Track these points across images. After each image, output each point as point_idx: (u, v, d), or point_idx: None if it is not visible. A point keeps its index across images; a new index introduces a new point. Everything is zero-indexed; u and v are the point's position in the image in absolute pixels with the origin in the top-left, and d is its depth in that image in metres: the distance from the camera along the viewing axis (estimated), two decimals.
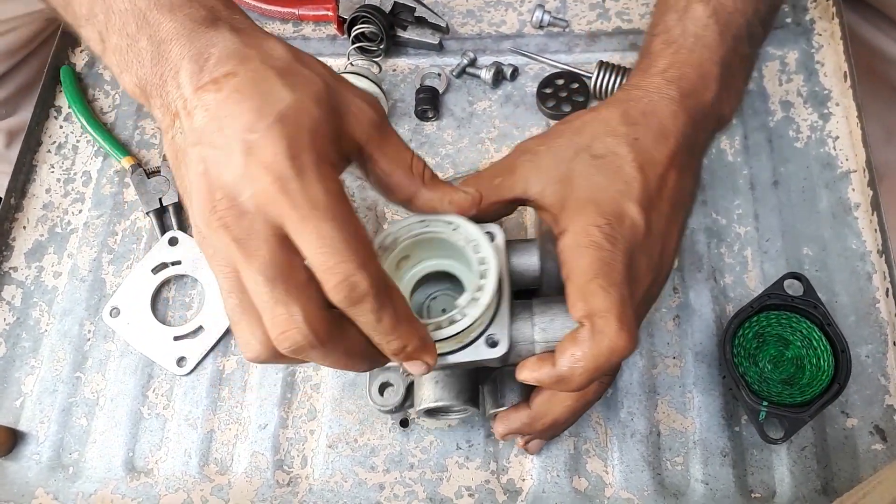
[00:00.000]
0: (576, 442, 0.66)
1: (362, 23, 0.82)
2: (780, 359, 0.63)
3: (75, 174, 0.81)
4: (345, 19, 0.82)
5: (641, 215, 0.51)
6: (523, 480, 0.65)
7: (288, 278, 0.43)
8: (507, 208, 0.56)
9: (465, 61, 0.82)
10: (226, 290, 0.46)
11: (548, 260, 0.55)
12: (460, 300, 0.50)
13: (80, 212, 0.79)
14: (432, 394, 0.57)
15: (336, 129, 0.47)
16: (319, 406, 0.68)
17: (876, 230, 0.72)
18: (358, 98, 0.49)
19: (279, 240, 0.43)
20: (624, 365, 0.68)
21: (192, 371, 0.70)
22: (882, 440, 0.64)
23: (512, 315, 0.53)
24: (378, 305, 0.44)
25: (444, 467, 0.65)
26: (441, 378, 0.57)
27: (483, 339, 0.51)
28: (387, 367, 0.60)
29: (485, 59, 0.83)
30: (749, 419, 0.64)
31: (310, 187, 0.43)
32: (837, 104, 0.79)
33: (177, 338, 0.71)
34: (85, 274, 0.75)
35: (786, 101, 0.79)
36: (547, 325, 0.53)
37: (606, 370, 0.50)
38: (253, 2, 0.86)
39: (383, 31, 0.81)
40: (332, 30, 0.86)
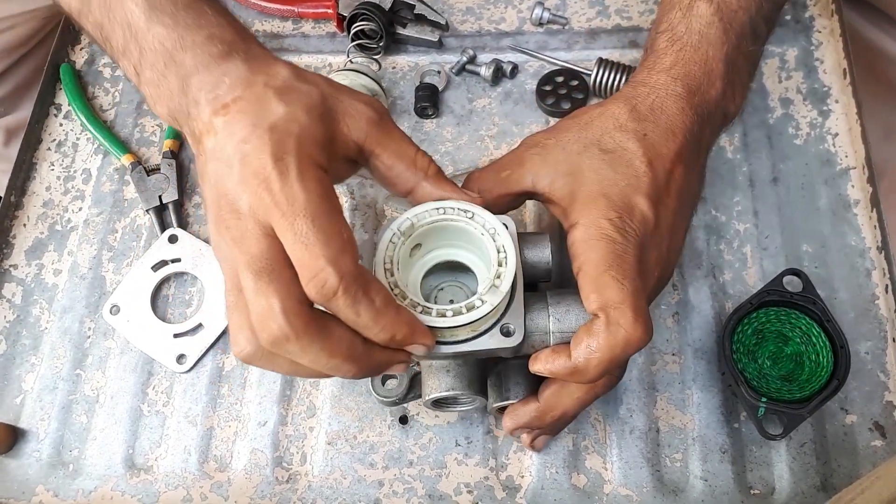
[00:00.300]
0: (575, 438, 0.66)
1: (362, 20, 0.82)
2: (779, 355, 0.63)
3: (75, 172, 0.81)
4: (344, 16, 0.82)
5: (651, 209, 0.52)
6: (522, 477, 0.65)
7: (272, 272, 0.45)
8: (515, 201, 0.57)
9: (465, 58, 0.82)
10: (227, 289, 0.48)
11: (558, 258, 0.56)
12: (480, 287, 0.50)
13: (80, 209, 0.79)
14: (443, 383, 0.56)
15: (328, 133, 0.50)
16: (319, 403, 0.68)
17: (875, 227, 0.72)
18: (356, 101, 0.52)
19: (268, 238, 0.46)
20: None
21: (191, 368, 0.70)
22: (881, 436, 0.64)
23: (526, 305, 0.53)
24: (352, 300, 0.45)
25: (443, 464, 0.65)
26: (452, 367, 0.56)
27: (498, 328, 0.52)
28: None
29: (484, 57, 0.83)
30: (748, 415, 0.64)
31: (290, 186, 0.45)
32: (837, 101, 0.79)
33: (176, 335, 0.71)
34: (85, 271, 0.75)
35: (785, 98, 0.79)
36: (562, 315, 0.53)
37: (621, 361, 0.51)
38: (253, 0, 0.86)
39: (383, 28, 0.81)
40: (332, 27, 0.86)
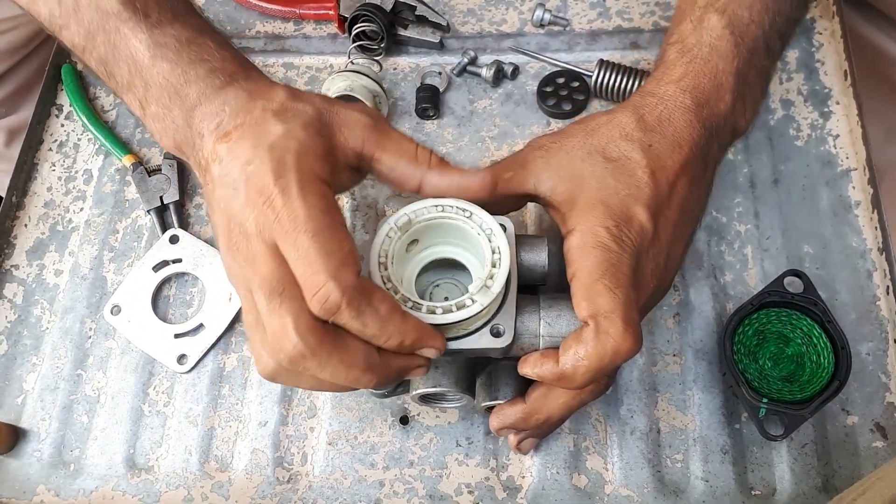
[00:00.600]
0: (575, 439, 0.66)
1: (363, 21, 0.82)
2: (780, 356, 0.63)
3: (76, 172, 0.81)
4: (346, 18, 0.83)
5: (650, 220, 0.52)
6: (523, 477, 0.65)
7: (283, 292, 0.46)
8: (517, 202, 0.57)
9: (466, 60, 0.82)
10: (244, 311, 0.50)
11: (553, 257, 0.55)
12: (471, 286, 0.50)
13: (82, 210, 0.79)
14: (431, 379, 0.56)
15: (327, 145, 0.51)
16: (319, 403, 0.68)
17: (876, 228, 0.72)
18: (351, 110, 0.53)
19: (275, 256, 0.47)
20: (624, 362, 0.68)
21: (192, 368, 0.70)
22: (882, 437, 0.64)
23: (518, 307, 0.53)
24: (356, 312, 0.46)
25: (443, 464, 0.65)
26: (441, 364, 0.57)
27: (488, 328, 0.52)
28: None
29: (485, 58, 0.83)
30: (749, 416, 0.64)
31: (292, 203, 0.46)
32: (838, 102, 0.79)
33: (177, 335, 0.71)
34: (86, 272, 0.75)
35: (786, 99, 0.79)
36: (553, 320, 0.53)
37: (608, 370, 0.51)
38: (254, 1, 0.86)
39: (384, 29, 0.81)
40: (333, 28, 0.86)
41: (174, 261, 0.74)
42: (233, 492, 0.66)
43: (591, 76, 0.79)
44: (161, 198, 0.77)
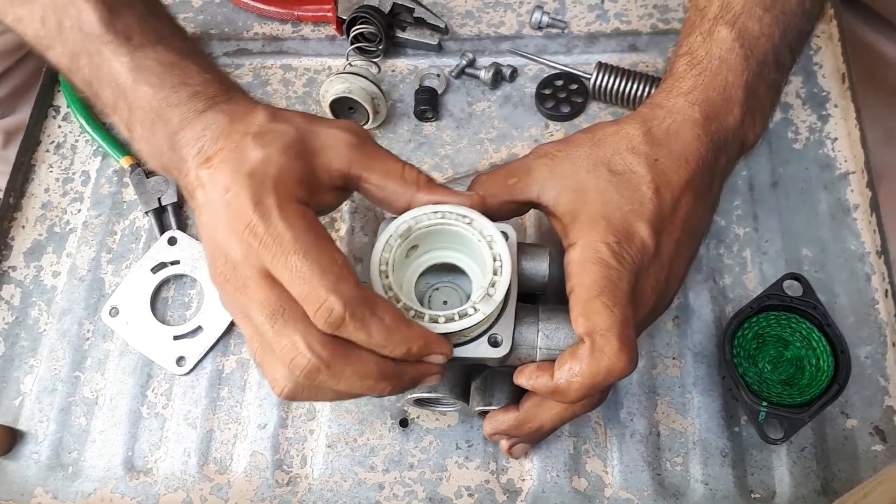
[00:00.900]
0: (575, 442, 0.66)
1: (361, 23, 0.82)
2: (779, 359, 0.63)
3: (74, 174, 0.81)
4: (344, 20, 0.82)
5: (652, 237, 0.51)
6: (523, 480, 0.65)
7: (284, 312, 0.46)
8: (519, 209, 0.57)
9: (464, 62, 0.82)
10: (248, 338, 0.50)
11: (554, 269, 0.55)
12: (473, 294, 0.50)
13: (79, 211, 0.79)
14: None
15: (307, 168, 0.51)
16: (319, 406, 0.68)
17: (875, 231, 0.72)
18: (334, 129, 0.53)
19: (268, 280, 0.47)
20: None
21: (191, 370, 0.70)
22: (882, 441, 0.64)
23: (517, 318, 0.53)
24: (360, 323, 0.46)
25: (443, 467, 0.65)
26: None
27: (486, 337, 0.52)
28: None
29: (484, 60, 0.83)
30: (749, 420, 0.64)
31: (275, 227, 0.46)
32: (836, 106, 0.79)
33: (176, 337, 0.71)
34: (84, 273, 0.75)
35: (784, 102, 0.79)
36: (552, 332, 0.53)
37: (602, 387, 0.51)
38: (252, 2, 0.86)
39: (382, 31, 0.81)
40: (331, 30, 0.86)
41: (172, 262, 0.74)
42: (232, 494, 0.65)
43: (589, 78, 0.79)
44: (159, 199, 0.77)
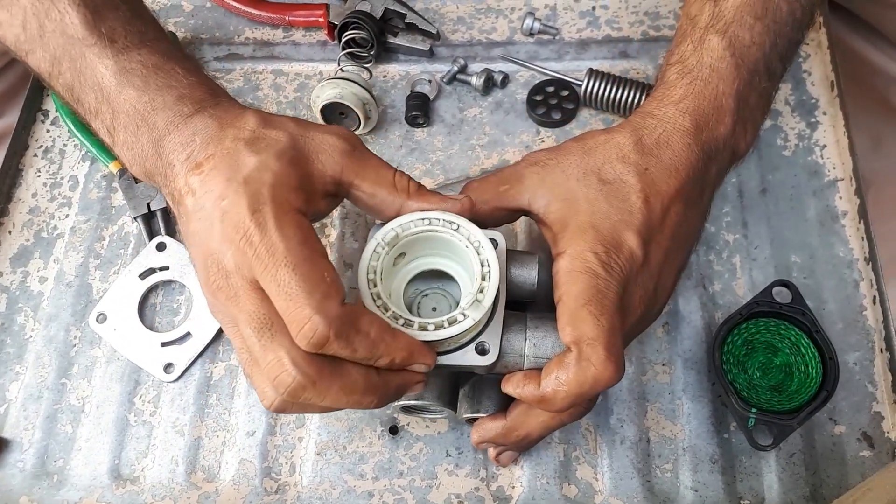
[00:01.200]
0: (565, 449, 0.66)
1: (353, 29, 0.81)
2: (768, 366, 0.63)
3: (62, 178, 0.80)
4: (335, 25, 0.82)
5: (640, 247, 0.52)
6: (513, 488, 0.65)
7: (272, 326, 0.46)
8: (510, 216, 0.57)
9: (456, 68, 0.82)
10: (237, 349, 0.49)
11: (544, 275, 0.55)
12: (462, 301, 0.50)
13: (67, 216, 0.78)
14: None
15: (302, 174, 0.50)
16: (308, 413, 0.68)
17: (863, 238, 0.72)
18: (327, 135, 0.52)
19: (257, 291, 0.47)
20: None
21: (179, 377, 0.70)
22: (869, 447, 0.65)
23: (505, 325, 0.53)
24: (345, 342, 0.46)
25: (433, 474, 0.65)
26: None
27: (474, 345, 0.51)
28: None
29: (475, 66, 0.83)
30: (738, 426, 0.65)
31: (270, 237, 0.46)
32: (825, 113, 0.79)
33: (164, 344, 0.71)
34: (71, 279, 0.74)
35: (774, 109, 0.80)
36: (539, 341, 0.53)
37: (589, 396, 0.51)
38: (243, 7, 0.86)
39: (374, 37, 0.81)
40: (323, 35, 0.85)
41: (161, 268, 0.74)
42: (220, 503, 0.65)
43: (580, 85, 0.79)
44: (148, 204, 0.76)
